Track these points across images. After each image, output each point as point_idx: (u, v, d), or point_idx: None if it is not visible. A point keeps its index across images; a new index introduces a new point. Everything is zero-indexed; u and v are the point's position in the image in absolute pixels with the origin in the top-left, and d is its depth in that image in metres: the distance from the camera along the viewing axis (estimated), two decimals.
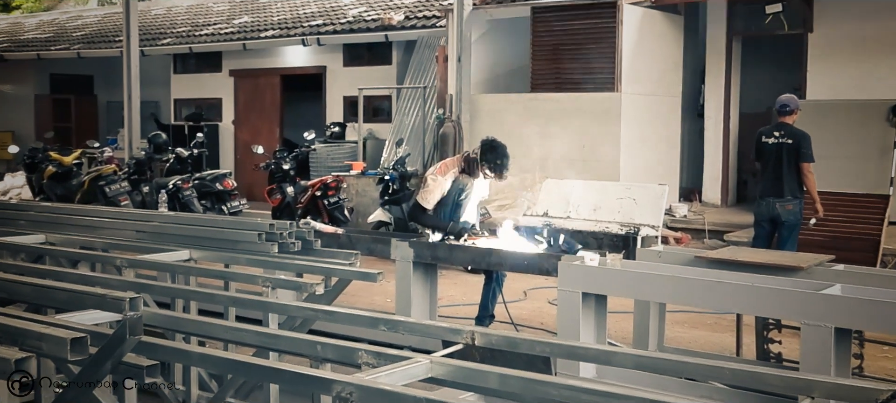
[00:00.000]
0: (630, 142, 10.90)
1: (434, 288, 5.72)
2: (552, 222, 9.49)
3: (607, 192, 9.46)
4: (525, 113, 11.40)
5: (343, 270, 4.40)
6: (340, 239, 5.72)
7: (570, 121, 11.04)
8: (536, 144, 11.22)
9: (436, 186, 5.72)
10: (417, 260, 5.48)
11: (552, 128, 11.18)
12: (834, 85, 10.83)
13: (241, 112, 16.25)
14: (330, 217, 9.77)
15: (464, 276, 8.63)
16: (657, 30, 11.62)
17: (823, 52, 11.08)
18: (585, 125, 10.93)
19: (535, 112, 11.33)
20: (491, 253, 5.27)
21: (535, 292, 7.88)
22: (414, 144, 12.47)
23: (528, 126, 11.30)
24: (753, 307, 3.94)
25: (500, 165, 5.71)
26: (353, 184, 11.27)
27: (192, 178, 10.72)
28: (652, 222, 8.96)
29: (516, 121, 11.37)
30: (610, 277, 4.25)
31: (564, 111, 11.11)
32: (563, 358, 2.84)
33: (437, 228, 5.77)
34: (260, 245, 4.64)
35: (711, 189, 12.34)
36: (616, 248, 8.75)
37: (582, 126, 10.95)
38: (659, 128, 11.58)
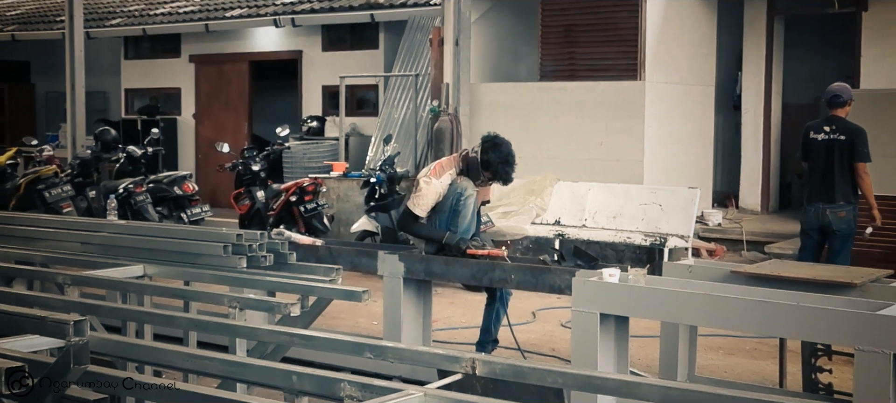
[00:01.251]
0: (655, 138, 10.93)
1: (428, 308, 5.72)
2: (565, 232, 9.55)
3: (629, 197, 9.49)
4: (533, 105, 11.42)
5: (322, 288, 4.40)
6: (319, 251, 5.72)
7: (585, 114, 11.07)
8: (546, 141, 11.24)
9: (430, 191, 5.72)
10: (408, 276, 5.48)
11: (564, 122, 11.20)
12: (892, 72, 10.87)
13: (203, 104, 16.25)
14: (307, 226, 9.76)
15: (462, 295, 8.63)
16: (686, 9, 11.66)
17: (879, 33, 11.12)
18: (603, 119, 10.95)
19: (544, 104, 11.35)
20: (494, 268, 5.28)
21: (546, 313, 7.89)
22: (404, 142, 12.48)
23: (536, 120, 11.33)
24: (799, 330, 3.95)
25: (504, 166, 5.71)
26: (334, 188, 11.26)
27: (145, 181, 10.71)
28: (681, 231, 9.01)
29: (523, 114, 11.39)
30: (632, 296, 4.26)
31: (579, 103, 11.14)
32: (579, 390, 2.84)
33: (431, 239, 5.77)
34: (225, 258, 4.65)
35: (750, 193, 12.37)
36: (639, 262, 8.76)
37: (599, 120, 10.98)
38: (689, 122, 11.60)
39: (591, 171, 10.66)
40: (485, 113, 11.58)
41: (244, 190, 10.37)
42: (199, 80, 16.26)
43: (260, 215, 10.15)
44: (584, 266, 5.21)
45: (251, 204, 10.25)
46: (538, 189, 9.59)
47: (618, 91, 10.96)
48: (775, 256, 9.31)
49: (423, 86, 12.56)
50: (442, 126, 11.02)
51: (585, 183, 9.61)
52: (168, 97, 16.72)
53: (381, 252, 5.59)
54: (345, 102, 13.03)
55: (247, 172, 10.35)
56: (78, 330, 2.52)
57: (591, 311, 4.27)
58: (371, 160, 12.43)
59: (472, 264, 5.41)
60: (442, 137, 10.98)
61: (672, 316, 4.29)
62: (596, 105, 11.02)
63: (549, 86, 11.42)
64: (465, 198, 5.74)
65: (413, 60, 13.12)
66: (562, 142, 11.21)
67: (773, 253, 9.67)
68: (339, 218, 10.96)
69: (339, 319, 7.45)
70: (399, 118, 12.89)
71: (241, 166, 10.40)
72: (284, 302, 4.08)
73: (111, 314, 3.99)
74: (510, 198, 9.57)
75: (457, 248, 5.64)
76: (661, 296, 4.20)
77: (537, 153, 11.01)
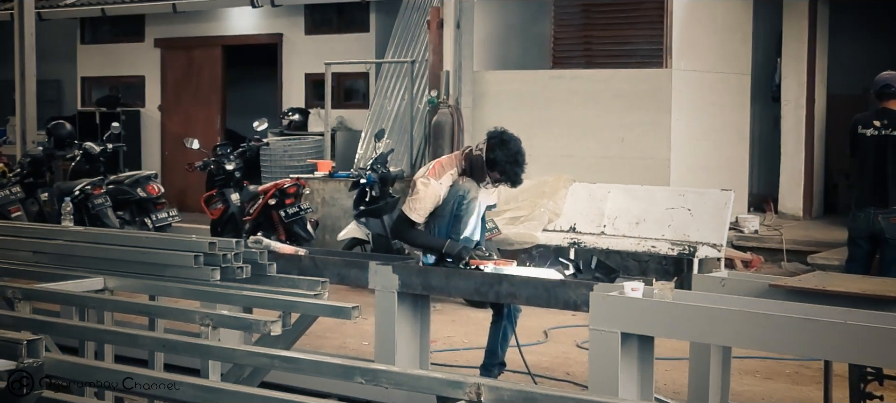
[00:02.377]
0: (683, 133, 10.94)
1: (426, 326, 5.72)
2: (581, 240, 9.54)
3: (654, 200, 9.48)
4: (545, 96, 11.43)
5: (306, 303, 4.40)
6: (302, 262, 5.72)
7: (604, 106, 11.08)
8: (560, 137, 11.25)
9: (428, 193, 5.73)
10: (404, 291, 5.48)
11: (580, 115, 11.21)
12: None
13: (170, 95, 16.26)
14: (288, 233, 9.76)
15: (465, 311, 8.64)
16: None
17: None
18: (624, 111, 10.96)
19: (558, 95, 11.36)
20: (501, 281, 5.28)
21: (559, 332, 7.89)
22: (398, 137, 12.49)
23: (548, 113, 11.34)
24: (847, 352, 3.95)
25: (512, 166, 5.71)
26: (319, 190, 11.26)
27: (105, 182, 10.72)
28: (713, 239, 9.01)
29: (533, 106, 11.40)
30: (658, 312, 4.26)
31: (596, 93, 11.15)
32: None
33: (429, 248, 5.77)
34: (196, 270, 4.66)
35: (790, 195, 12.37)
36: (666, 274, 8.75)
37: (620, 113, 10.99)
38: (721, 115, 11.62)
39: (611, 171, 10.66)
40: (490, 105, 11.59)
41: (217, 192, 10.36)
42: (165, 68, 16.27)
43: (235, 221, 10.15)
44: (602, 278, 5.22)
45: (225, 208, 10.24)
46: (551, 191, 9.59)
47: (641, 80, 10.97)
48: (819, 268, 9.32)
49: (420, 74, 12.57)
50: (441, 119, 11.03)
51: (604, 184, 9.61)
52: (130, 87, 16.72)
53: (372, 262, 5.58)
54: (331, 92, 13.04)
55: (219, 172, 10.34)
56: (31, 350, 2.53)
57: (611, 330, 4.28)
58: (361, 158, 12.43)
59: (475, 276, 5.40)
60: (441, 132, 10.99)
61: (703, 335, 4.30)
62: (616, 96, 11.03)
63: (563, 75, 11.43)
64: (467, 201, 5.74)
65: (408, 45, 13.14)
66: (577, 137, 11.22)
67: (817, 264, 9.67)
68: (324, 224, 10.96)
69: (324, 339, 7.45)
70: (393, 110, 12.90)
71: (213, 165, 10.39)
72: (263, 319, 4.08)
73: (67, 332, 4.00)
74: (519, 201, 9.57)
75: (458, 258, 5.63)
76: (691, 313, 4.21)
77: (550, 150, 11.01)
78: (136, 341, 4.03)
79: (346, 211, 10.61)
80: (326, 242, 10.81)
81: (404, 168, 11.70)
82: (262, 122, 11.08)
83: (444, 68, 11.46)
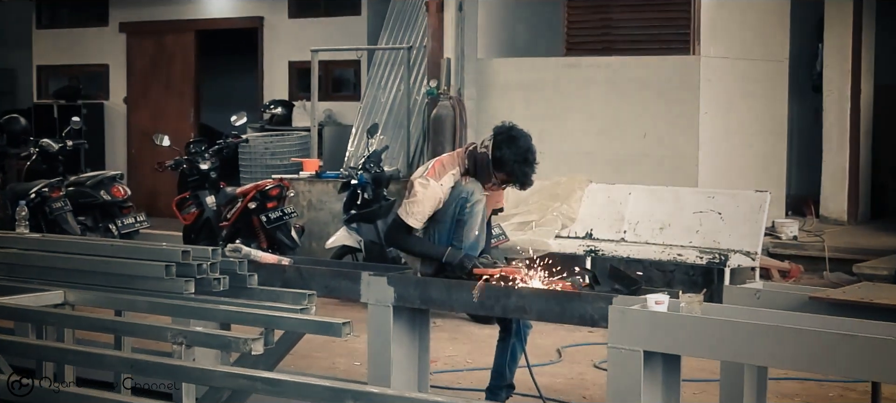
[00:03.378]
0: (713, 128, 10.93)
1: (425, 345, 5.71)
2: (599, 247, 9.52)
3: (680, 203, 9.46)
4: (557, 86, 11.42)
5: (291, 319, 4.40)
6: (286, 272, 5.72)
7: (623, 97, 11.07)
8: (575, 132, 11.23)
9: (427, 195, 5.73)
10: (400, 304, 5.47)
11: (598, 108, 11.20)
12: None
13: (137, 85, 16.24)
14: (270, 240, 9.76)
15: (468, 327, 8.64)
16: None
17: None
18: (647, 103, 10.95)
19: (572, 85, 11.35)
20: (509, 294, 5.28)
21: (574, 351, 7.89)
22: (394, 133, 12.47)
23: (561, 105, 11.33)
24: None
25: (521, 165, 5.71)
26: (305, 192, 11.25)
27: (64, 183, 10.72)
28: (747, 247, 8.98)
29: (545, 98, 11.39)
30: (685, 328, 4.26)
31: (616, 83, 11.14)
32: None
33: (428, 257, 5.76)
34: (167, 282, 4.66)
35: (834, 197, 12.35)
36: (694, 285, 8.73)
37: (642, 105, 10.98)
38: (756, 107, 11.61)
39: (632, 170, 10.64)
40: (496, 96, 11.57)
41: (190, 194, 10.36)
42: (131, 55, 16.25)
43: (210, 227, 10.15)
44: (622, 290, 5.20)
45: (199, 212, 10.24)
46: (565, 193, 9.58)
47: (665, 68, 10.96)
48: (866, 278, 9.30)
49: (418, 62, 12.55)
50: (442, 113, 11.02)
51: (624, 185, 9.59)
52: (92, 76, 16.70)
53: (364, 273, 5.57)
54: (317, 83, 13.03)
55: (193, 172, 10.34)
56: None
57: (633, 349, 4.28)
58: (351, 156, 12.42)
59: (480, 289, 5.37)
60: (442, 128, 10.98)
61: (735, 353, 4.30)
62: (638, 86, 11.01)
63: (578, 63, 11.41)
64: (471, 204, 5.74)
65: (405, 29, 13.13)
66: (594, 133, 11.20)
67: (864, 273, 9.66)
68: (310, 230, 10.95)
69: (311, 359, 7.45)
70: (387, 103, 12.88)
71: (185, 164, 10.39)
72: (243, 337, 4.08)
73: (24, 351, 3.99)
74: (529, 204, 9.57)
75: (461, 268, 5.63)
76: (722, 329, 4.20)
77: (563, 147, 11.00)
78: (100, 361, 4.03)
79: (336, 215, 10.59)
80: (313, 250, 10.79)
81: (400, 167, 11.69)
82: (240, 116, 11.07)
83: (444, 55, 11.45)
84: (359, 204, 9.44)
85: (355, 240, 9.38)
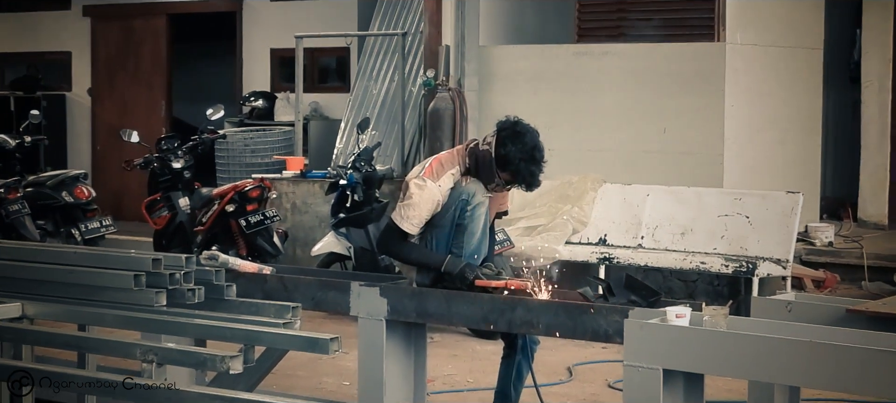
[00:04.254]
0: (740, 122, 10.94)
1: (421, 363, 5.72)
2: (613, 254, 9.51)
3: (704, 206, 9.44)
4: (568, 76, 11.42)
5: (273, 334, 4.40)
6: (268, 282, 5.72)
7: (641, 89, 11.07)
8: (587, 127, 11.24)
9: (424, 198, 5.72)
10: (394, 318, 5.47)
11: (612, 100, 11.21)
12: None
13: (102, 75, 16.23)
14: (250, 246, 9.76)
15: (469, 343, 8.65)
16: None
17: None
18: (667, 95, 10.96)
19: (584, 75, 11.36)
20: (515, 306, 5.28)
21: (587, 369, 7.90)
22: (387, 128, 12.48)
23: (572, 98, 11.33)
24: None
25: (527, 164, 5.71)
26: (288, 193, 11.25)
27: (22, 184, 10.72)
28: (777, 254, 8.97)
29: (554, 89, 11.39)
30: (708, 344, 4.25)
31: (632, 73, 11.14)
32: None
33: (425, 266, 5.77)
34: (136, 293, 4.65)
35: (873, 199, 12.34)
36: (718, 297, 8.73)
37: (661, 97, 10.98)
38: (787, 99, 11.61)
39: (650, 169, 10.65)
40: (500, 87, 11.57)
41: (161, 196, 10.36)
42: (96, 42, 16.24)
43: (184, 232, 10.15)
44: (640, 302, 5.20)
45: (171, 216, 10.24)
46: (576, 194, 9.58)
47: (688, 56, 10.96)
48: None
49: (414, 49, 12.56)
50: (440, 106, 11.03)
51: (642, 186, 9.59)
52: (53, 65, 16.70)
53: (354, 283, 5.57)
54: (302, 73, 13.04)
55: (165, 171, 10.35)
56: None
57: (651, 367, 4.28)
58: (340, 154, 12.42)
59: (483, 301, 5.40)
60: (440, 122, 10.99)
61: (764, 372, 4.28)
62: (657, 76, 11.02)
63: (591, 51, 11.42)
64: (472, 207, 5.74)
65: (399, 14, 13.13)
66: (609, 128, 11.21)
67: None
68: (295, 235, 10.94)
69: (295, 378, 7.45)
70: (379, 95, 12.89)
71: (156, 163, 10.40)
72: (220, 354, 4.08)
73: None
74: (536, 207, 9.57)
75: (462, 279, 5.62)
76: (749, 345, 4.20)
77: (574, 144, 11.01)
78: (62, 381, 4.02)
79: (322, 219, 10.58)
80: (298, 258, 10.79)
81: (394, 166, 11.69)
82: (217, 110, 11.07)
83: (442, 42, 11.45)
84: (348, 206, 9.44)
85: (344, 247, 9.38)
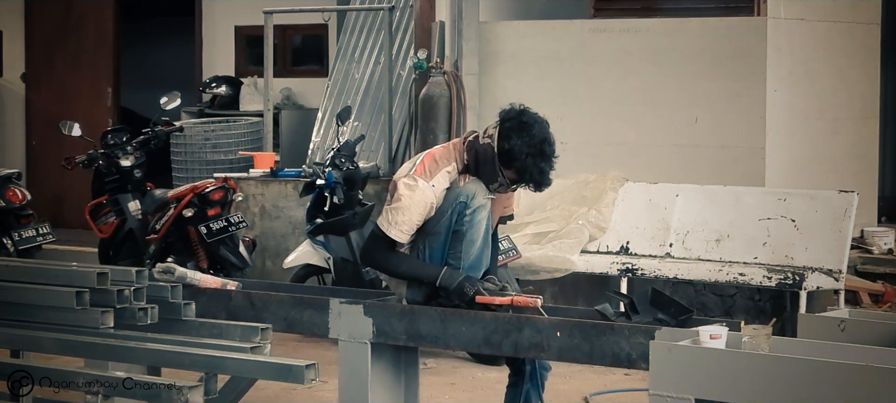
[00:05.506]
0: (784, 110, 10.93)
1: (413, 392, 5.73)
2: (637, 264, 9.47)
3: (743, 207, 9.40)
4: (583, 58, 11.42)
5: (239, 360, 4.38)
6: (233, 300, 5.72)
7: (669, 71, 11.07)
8: (605, 117, 11.23)
9: (414, 200, 5.72)
10: (380, 341, 5.48)
11: (635, 85, 11.20)
12: None
13: (38, 58, 16.24)
14: (212, 258, 9.74)
15: (469, 369, 8.66)
16: None
17: None
18: (699, 79, 10.95)
19: (602, 56, 11.35)
20: (522, 326, 5.26)
21: (605, 400, 7.90)
22: (373, 118, 12.47)
23: (589, 82, 11.32)
24: None
25: (536, 160, 5.71)
26: (257, 195, 11.24)
27: None
28: (828, 263, 8.93)
29: (567, 73, 11.39)
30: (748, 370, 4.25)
31: (658, 53, 11.14)
32: None
33: (417, 279, 5.77)
34: (79, 313, 4.63)
35: None
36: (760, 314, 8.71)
37: (692, 81, 10.98)
38: (839, 83, 11.61)
39: (680, 166, 10.66)
40: (503, 70, 11.57)
41: (108, 199, 10.36)
42: (32, 20, 16.26)
43: (134, 241, 10.14)
44: (668, 321, 5.22)
45: (120, 222, 10.23)
46: (593, 196, 9.58)
47: (723, 33, 10.96)
48: None
49: (403, 26, 12.55)
50: (434, 92, 11.02)
51: (670, 184, 9.58)
52: None
53: (334, 301, 5.59)
54: (273, 54, 13.02)
55: (112, 170, 10.34)
56: None
57: (682, 397, 4.29)
58: (317, 149, 12.41)
59: (484, 320, 5.39)
60: (434, 112, 10.98)
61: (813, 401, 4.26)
62: (687, 57, 11.01)
63: (610, 27, 11.42)
64: (471, 211, 5.74)
65: None
66: (631, 118, 11.20)
67: None
68: (264, 244, 10.93)
69: None
70: (363, 80, 12.87)
71: (102, 160, 10.39)
72: (178, 383, 4.08)
73: None
74: (547, 210, 9.57)
75: (460, 294, 5.61)
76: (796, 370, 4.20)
77: (591, 136, 11.01)
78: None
79: (297, 225, 10.57)
80: (268, 271, 10.78)
81: (380, 163, 11.67)
82: (172, 98, 11.05)
83: (436, 18, 11.44)
84: (326, 210, 9.42)
85: (322, 258, 9.40)
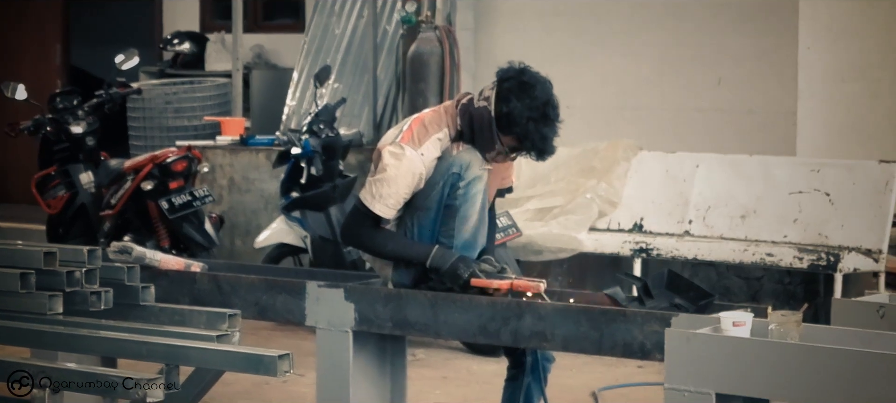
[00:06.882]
0: (818, 70, 10.94)
1: (400, 387, 5.76)
2: (652, 244, 9.47)
3: (771, 180, 9.39)
4: (591, 12, 11.41)
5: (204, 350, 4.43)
6: (198, 283, 5.75)
7: (688, 26, 11.08)
8: (615, 78, 11.25)
9: (401, 171, 5.73)
10: (363, 329, 5.50)
11: (649, 42, 11.21)
12: None
13: None
14: (174, 236, 9.76)
15: (463, 361, 8.71)
16: None
17: None
18: (722, 35, 10.96)
19: (611, 10, 11.36)
20: (522, 313, 5.31)
21: (616, 395, 7.95)
22: (355, 80, 12.47)
23: (597, 38, 11.34)
24: None
25: (538, 125, 5.73)
26: (225, 166, 11.25)
27: None
28: (867, 242, 8.92)
29: (572, 29, 11.40)
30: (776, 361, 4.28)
31: (676, 5, 11.15)
32: None
33: (405, 260, 5.80)
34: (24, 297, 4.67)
35: None
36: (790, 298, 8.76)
37: (715, 37, 10.99)
38: (881, 40, 11.62)
39: (701, 133, 10.67)
40: (502, 25, 11.58)
41: (57, 170, 10.37)
42: None
43: (87, 217, 10.15)
44: (686, 307, 5.24)
45: (70, 196, 10.24)
46: (603, 167, 9.58)
47: None
48: None
49: None
50: (423, 50, 11.02)
51: (690, 154, 9.59)
52: None
53: (311, 284, 5.61)
54: (243, 6, 13.04)
55: (61, 138, 10.35)
56: None
57: (701, 391, 4.32)
58: (292, 114, 12.42)
59: (480, 306, 5.42)
60: (423, 71, 10.98)
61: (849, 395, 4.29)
62: (709, 10, 11.01)
63: None
64: (466, 183, 5.76)
65: None
66: (645, 79, 11.22)
67: None
68: (233, 221, 10.95)
69: None
70: (343, 35, 12.88)
71: (50, 126, 10.40)
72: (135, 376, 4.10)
73: None
74: (551, 182, 9.58)
75: (453, 277, 5.65)
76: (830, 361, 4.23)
77: (600, 99, 11.02)
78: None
79: (270, 199, 10.59)
80: (237, 250, 10.81)
81: (363, 129, 11.69)
82: (129, 56, 11.03)
83: None
84: (303, 183, 9.44)
85: (298, 236, 9.41)
